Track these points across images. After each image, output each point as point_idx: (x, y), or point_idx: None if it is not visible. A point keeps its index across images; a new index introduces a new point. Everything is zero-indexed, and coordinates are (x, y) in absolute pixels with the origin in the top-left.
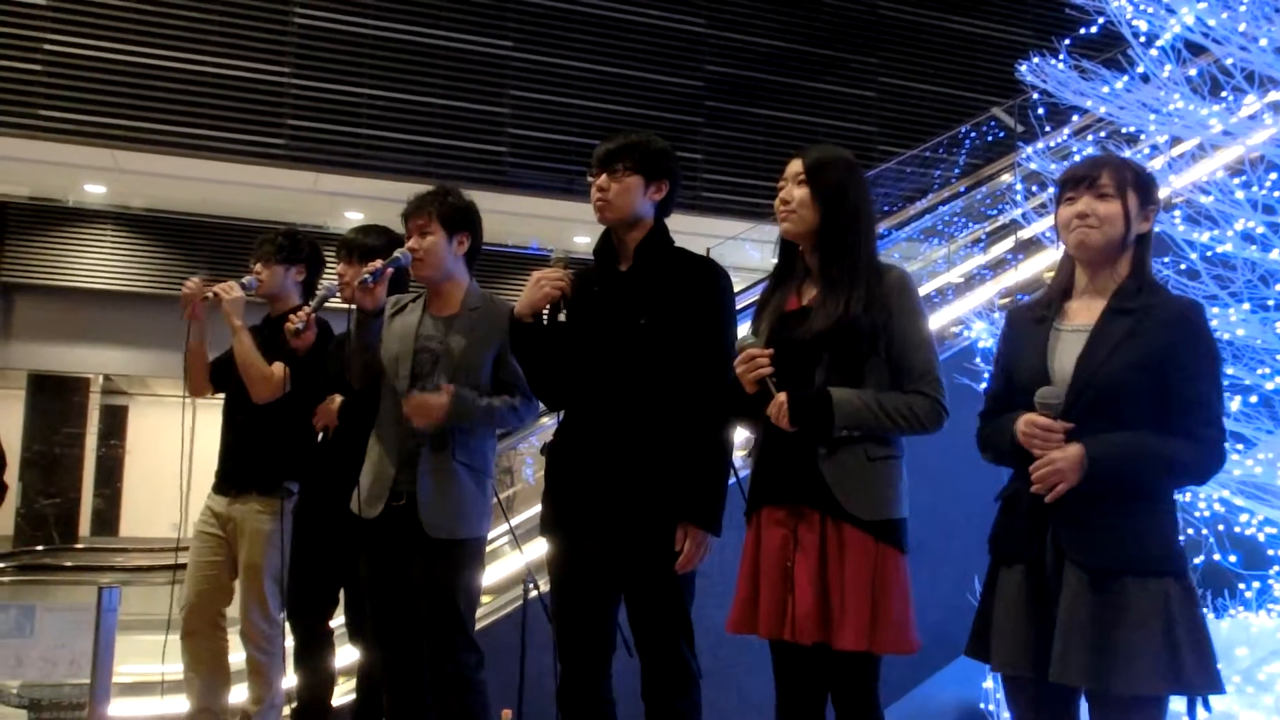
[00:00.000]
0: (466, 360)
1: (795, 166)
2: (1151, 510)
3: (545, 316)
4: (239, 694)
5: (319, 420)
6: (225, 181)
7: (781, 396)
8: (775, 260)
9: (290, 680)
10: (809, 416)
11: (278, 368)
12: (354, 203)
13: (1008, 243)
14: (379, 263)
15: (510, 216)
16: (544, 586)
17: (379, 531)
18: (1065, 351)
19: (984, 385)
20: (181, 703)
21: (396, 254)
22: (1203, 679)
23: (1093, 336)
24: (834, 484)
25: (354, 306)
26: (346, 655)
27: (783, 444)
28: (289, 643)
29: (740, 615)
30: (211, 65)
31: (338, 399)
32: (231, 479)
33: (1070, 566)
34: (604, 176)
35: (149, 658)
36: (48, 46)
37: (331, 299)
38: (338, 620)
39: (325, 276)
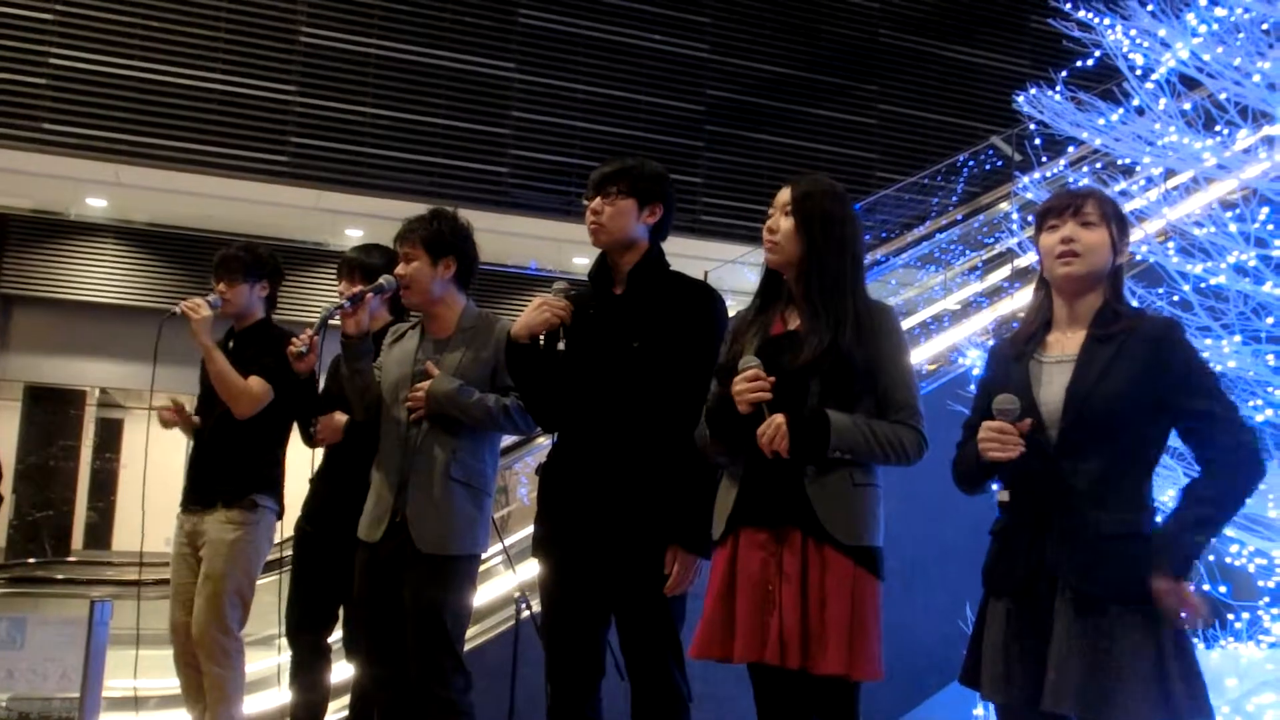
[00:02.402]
0: (462, 378)
1: (784, 196)
2: (1143, 539)
3: (542, 341)
4: (251, 704)
5: (323, 436)
6: (227, 198)
7: (779, 418)
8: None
9: (285, 696)
10: (805, 438)
11: (254, 381)
12: (355, 221)
13: (1004, 271)
14: (359, 288)
15: (510, 237)
16: (536, 607)
17: (376, 550)
18: (1050, 382)
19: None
20: (168, 718)
21: (381, 280)
22: (1192, 708)
23: (1079, 365)
24: (819, 506)
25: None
26: (341, 671)
27: (766, 465)
28: (282, 659)
29: (710, 638)
30: (216, 82)
31: (340, 416)
32: (197, 495)
33: (1062, 596)
34: (598, 200)
35: (141, 672)
36: (53, 60)
37: (333, 320)
38: (333, 637)
39: (296, 286)
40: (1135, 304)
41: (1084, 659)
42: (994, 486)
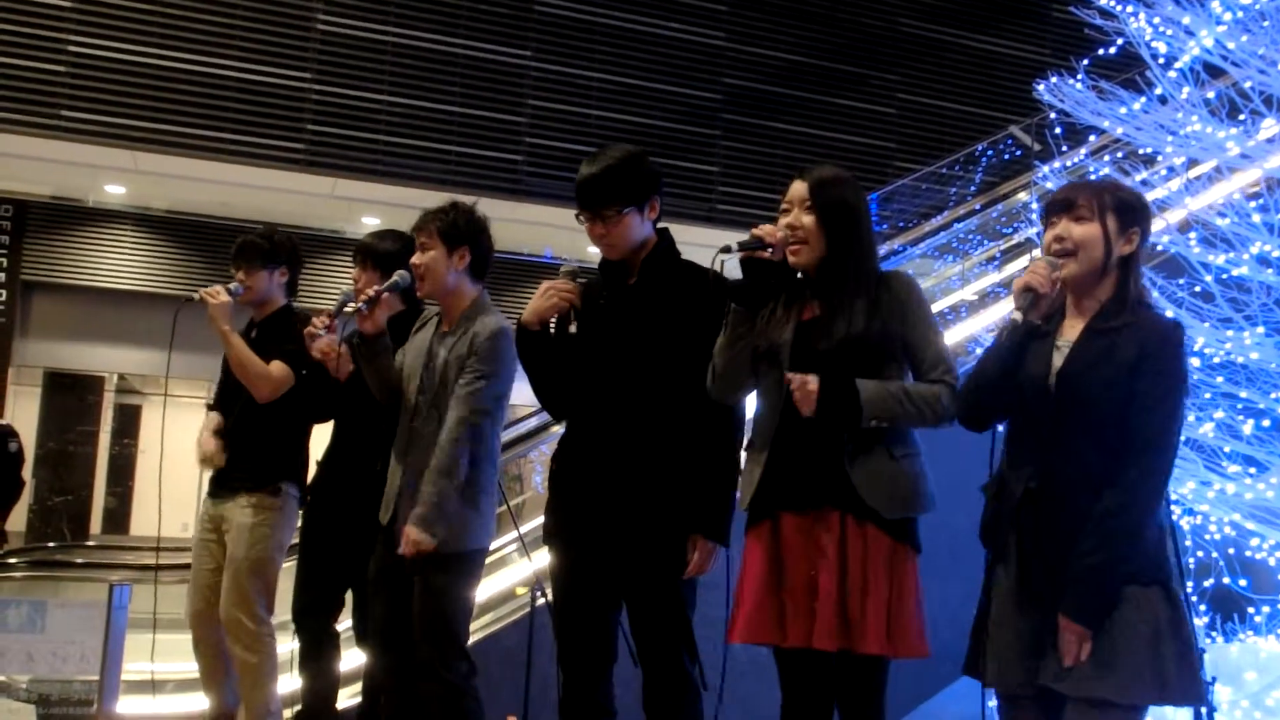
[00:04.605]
0: (445, 382)
1: (800, 190)
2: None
3: (553, 327)
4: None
5: (331, 357)
6: (244, 185)
7: (813, 379)
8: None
9: (295, 683)
10: (835, 405)
11: (276, 365)
12: (371, 208)
13: (1022, 261)
14: (374, 289)
15: (525, 225)
16: (551, 595)
17: (389, 536)
18: (1056, 365)
19: None
20: (186, 701)
21: (395, 276)
22: (1187, 690)
23: (1070, 354)
24: (859, 482)
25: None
26: (353, 659)
27: (801, 447)
28: (294, 645)
29: (759, 623)
30: (233, 69)
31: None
32: (223, 482)
33: (1059, 576)
34: (598, 223)
35: (158, 656)
36: (71, 48)
37: (349, 308)
38: (344, 624)
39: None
40: (1157, 294)
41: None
42: (1000, 428)
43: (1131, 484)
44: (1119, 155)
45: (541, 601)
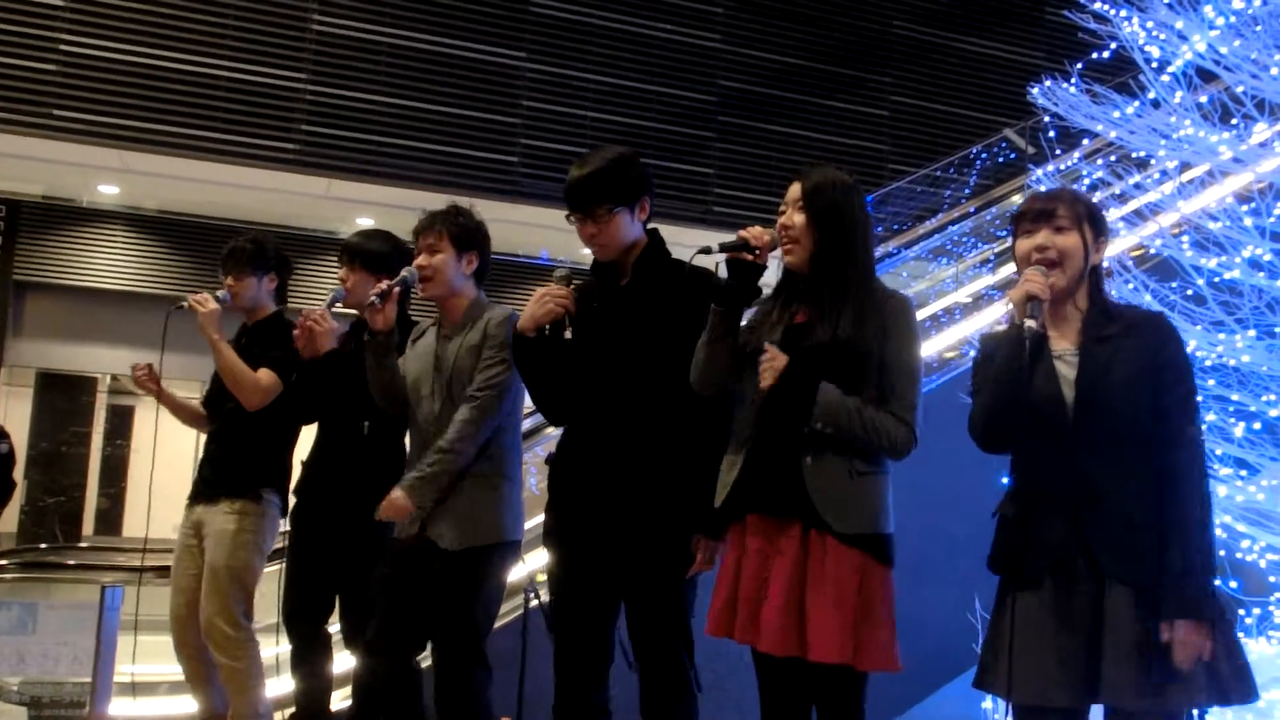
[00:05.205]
0: (460, 373)
1: (795, 191)
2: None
3: (548, 332)
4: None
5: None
6: (238, 185)
7: (782, 359)
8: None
9: (286, 685)
10: (792, 390)
11: (264, 373)
12: (366, 209)
13: None
14: (385, 284)
15: (521, 226)
16: (545, 596)
17: (410, 544)
18: (1065, 377)
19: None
20: (178, 704)
21: (403, 273)
22: (1240, 689)
23: (1082, 361)
24: (817, 498)
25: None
26: (345, 661)
27: (769, 453)
28: (285, 648)
29: (720, 617)
30: (227, 69)
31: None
32: (204, 486)
33: (1113, 584)
34: (589, 223)
35: (149, 658)
36: (64, 47)
37: (338, 303)
38: (334, 627)
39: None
40: (1149, 298)
41: (1139, 649)
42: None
43: (1185, 476)
44: (1112, 159)
45: (535, 603)
